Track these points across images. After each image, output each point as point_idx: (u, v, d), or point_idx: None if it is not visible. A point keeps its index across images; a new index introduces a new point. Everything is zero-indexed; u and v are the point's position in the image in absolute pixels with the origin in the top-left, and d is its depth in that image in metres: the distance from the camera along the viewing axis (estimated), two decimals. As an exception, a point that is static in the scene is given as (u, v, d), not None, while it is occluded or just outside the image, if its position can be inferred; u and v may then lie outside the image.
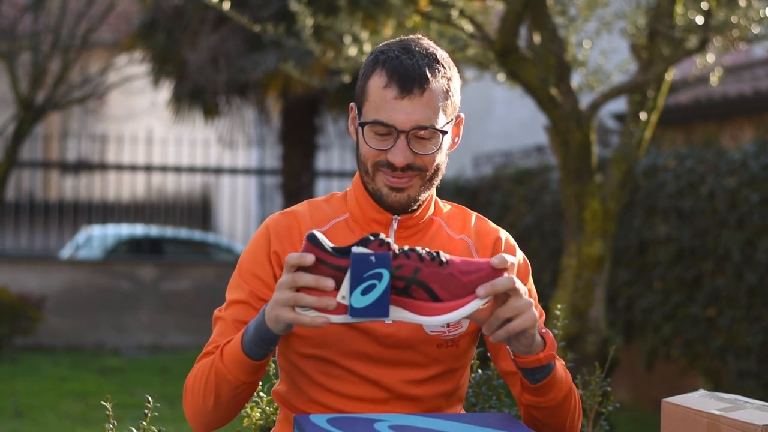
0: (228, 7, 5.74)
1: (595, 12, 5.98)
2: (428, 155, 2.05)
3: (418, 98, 2.02)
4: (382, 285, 1.82)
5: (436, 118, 2.04)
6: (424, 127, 2.02)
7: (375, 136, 2.06)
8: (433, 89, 2.03)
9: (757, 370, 7.12)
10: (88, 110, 16.61)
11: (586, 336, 5.76)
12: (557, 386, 2.06)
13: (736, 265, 7.30)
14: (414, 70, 2.02)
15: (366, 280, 1.82)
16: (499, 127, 15.47)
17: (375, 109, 2.04)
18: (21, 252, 13.88)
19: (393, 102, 2.02)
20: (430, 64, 2.04)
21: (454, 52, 5.85)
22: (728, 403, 2.12)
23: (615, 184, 5.73)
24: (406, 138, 2.03)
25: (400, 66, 2.03)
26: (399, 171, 2.05)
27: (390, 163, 2.04)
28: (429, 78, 2.03)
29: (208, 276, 12.83)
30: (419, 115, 2.02)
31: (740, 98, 9.02)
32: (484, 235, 2.18)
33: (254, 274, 2.12)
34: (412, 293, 1.86)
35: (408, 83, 2.01)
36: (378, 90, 2.04)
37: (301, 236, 2.12)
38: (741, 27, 5.29)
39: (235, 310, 2.11)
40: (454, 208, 2.23)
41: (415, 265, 1.86)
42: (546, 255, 9.47)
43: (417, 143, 2.04)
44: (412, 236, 2.14)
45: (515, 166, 11.01)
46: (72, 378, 9.84)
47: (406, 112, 2.02)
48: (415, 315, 1.86)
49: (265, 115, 12.39)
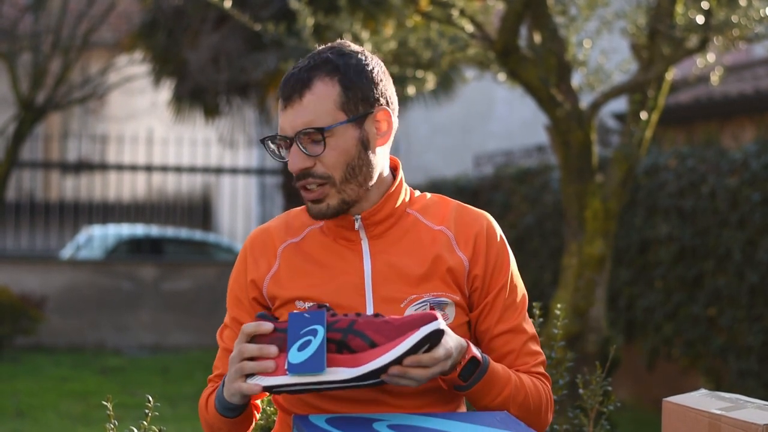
0: (229, 6, 5.74)
1: (595, 11, 5.98)
2: (323, 156, 2.07)
3: (299, 104, 2.06)
4: (318, 340, 1.88)
5: (324, 118, 2.06)
6: (304, 130, 2.06)
7: (282, 151, 2.14)
8: (315, 91, 2.06)
9: (758, 370, 7.12)
10: (89, 110, 16.61)
11: (587, 335, 5.76)
12: (494, 387, 2.06)
13: (737, 264, 7.30)
14: (294, 79, 2.08)
15: (302, 336, 1.89)
16: (500, 126, 15.46)
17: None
18: (22, 252, 13.88)
19: (281, 114, 2.09)
20: (317, 67, 2.09)
21: (455, 52, 5.85)
22: (729, 403, 2.12)
23: (616, 183, 5.73)
24: (297, 143, 2.07)
25: (286, 78, 2.10)
26: (302, 179, 2.09)
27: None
28: (310, 81, 2.07)
29: (208, 276, 12.83)
30: (301, 119, 2.06)
31: (741, 97, 9.01)
32: (466, 227, 2.16)
33: (237, 297, 2.20)
34: (349, 343, 1.90)
35: (287, 92, 2.08)
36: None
37: (274, 249, 2.17)
38: (741, 26, 5.29)
39: (225, 336, 2.21)
40: (434, 197, 2.22)
41: (351, 319, 1.92)
42: (547, 254, 9.47)
43: (309, 145, 2.08)
44: (385, 232, 2.14)
45: (516, 165, 11.01)
46: (73, 378, 9.84)
47: (289, 120, 2.08)
48: (351, 368, 1.89)
49: (265, 115, 12.38)
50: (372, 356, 1.89)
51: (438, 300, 2.09)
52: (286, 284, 2.13)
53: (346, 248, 2.13)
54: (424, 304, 2.08)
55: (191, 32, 11.04)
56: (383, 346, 1.89)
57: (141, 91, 14.05)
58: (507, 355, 2.14)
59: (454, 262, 2.12)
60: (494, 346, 2.15)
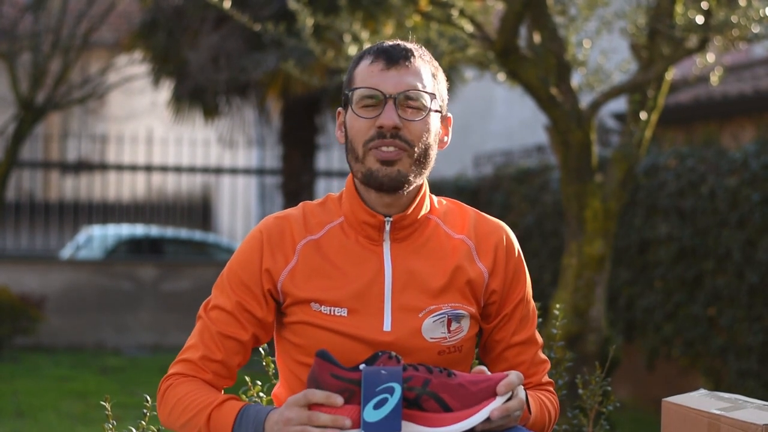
0: (228, 6, 5.74)
1: (595, 11, 5.98)
2: (416, 123, 2.05)
3: (405, 69, 2.06)
4: (395, 398, 1.85)
5: (423, 87, 2.07)
6: (413, 89, 2.05)
7: (364, 109, 2.07)
8: (418, 65, 2.08)
9: (758, 370, 7.11)
10: (89, 110, 16.59)
11: (586, 335, 5.76)
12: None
13: (736, 264, 7.30)
14: (399, 48, 2.08)
15: (378, 394, 1.85)
16: (499, 126, 15.46)
17: (363, 83, 2.08)
18: (21, 252, 13.88)
19: (380, 73, 2.06)
20: (416, 48, 2.11)
21: (454, 52, 5.85)
22: (729, 403, 2.12)
23: (615, 183, 5.73)
24: (395, 103, 2.04)
25: (385, 47, 2.09)
26: (388, 137, 2.04)
27: (379, 128, 2.04)
28: (414, 54, 2.09)
29: (208, 276, 12.82)
30: (406, 82, 2.05)
31: (741, 97, 9.01)
32: (486, 238, 2.16)
33: (244, 283, 2.11)
34: (422, 404, 1.88)
35: (394, 56, 2.07)
36: (365, 68, 2.08)
37: (293, 244, 2.11)
38: (741, 26, 5.29)
39: (219, 319, 2.11)
40: (450, 204, 2.21)
41: (425, 377, 1.89)
42: (547, 254, 9.47)
43: (405, 111, 2.05)
44: (408, 237, 2.12)
45: (516, 165, 11.01)
46: (73, 378, 9.84)
47: (393, 80, 2.05)
48: (427, 428, 1.87)
49: (265, 115, 12.39)
50: (445, 421, 1.88)
51: (456, 312, 2.10)
52: (302, 283, 2.09)
53: (366, 249, 2.10)
54: (443, 316, 2.08)
55: (191, 32, 11.04)
56: (458, 412, 1.88)
57: (141, 91, 14.04)
58: (519, 365, 2.18)
59: (474, 273, 2.12)
60: (508, 356, 2.18)
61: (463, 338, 2.10)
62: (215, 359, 2.09)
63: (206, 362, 2.09)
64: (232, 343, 2.10)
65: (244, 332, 2.10)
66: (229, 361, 2.10)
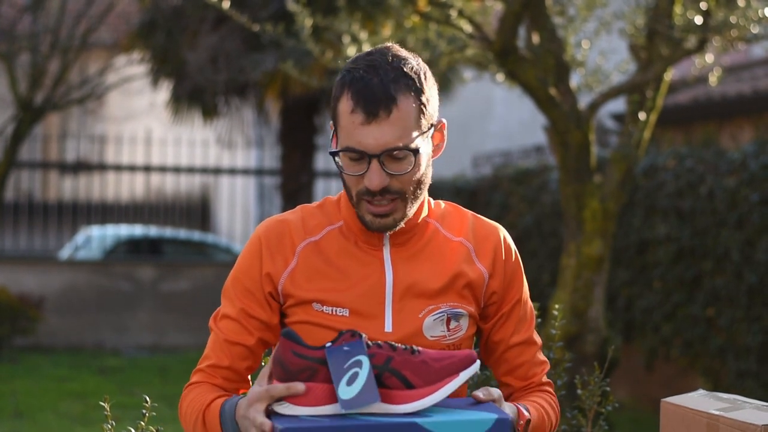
0: (227, 7, 5.74)
1: (594, 12, 5.98)
2: (404, 175, 2.02)
3: (385, 120, 1.98)
4: (365, 371, 1.85)
5: (407, 136, 2.00)
6: (395, 149, 1.99)
7: (350, 162, 2.04)
8: (401, 108, 1.99)
9: (757, 370, 7.12)
10: (87, 111, 16.59)
11: (585, 336, 5.76)
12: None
13: (735, 264, 7.30)
14: (379, 92, 1.98)
15: (347, 370, 1.85)
16: (498, 127, 15.47)
17: (346, 135, 2.02)
18: (20, 252, 13.88)
19: (361, 128, 1.99)
20: (397, 80, 2.00)
21: (453, 52, 5.85)
22: (727, 403, 2.12)
23: (614, 184, 5.73)
24: (379, 161, 2.00)
25: (364, 89, 1.98)
26: (378, 195, 2.02)
27: (367, 188, 2.02)
28: (395, 97, 1.99)
29: (207, 276, 12.83)
30: (388, 137, 1.99)
31: (739, 98, 9.01)
32: (484, 239, 2.17)
33: (247, 289, 2.13)
34: (384, 381, 1.88)
35: (373, 107, 1.98)
36: (346, 115, 2.01)
37: (293, 246, 2.12)
38: (740, 27, 5.29)
39: (227, 327, 2.14)
40: (448, 206, 2.21)
41: (388, 354, 1.89)
42: (545, 255, 9.47)
43: (391, 164, 2.01)
44: (408, 241, 2.13)
45: (515, 166, 11.01)
46: (71, 378, 9.84)
47: (374, 137, 1.98)
48: (389, 404, 1.87)
49: (264, 116, 12.39)
50: (407, 398, 1.88)
51: (455, 311, 2.11)
52: (303, 284, 2.10)
53: (366, 253, 2.11)
54: (442, 314, 2.09)
55: (190, 33, 11.04)
56: (420, 389, 1.88)
57: (139, 92, 14.05)
58: (519, 366, 2.19)
59: (474, 274, 2.13)
60: (508, 357, 2.20)
61: (461, 337, 2.12)
62: (222, 366, 2.13)
63: (215, 369, 2.14)
64: (239, 348, 2.13)
65: (250, 337, 2.13)
66: (237, 367, 2.14)
